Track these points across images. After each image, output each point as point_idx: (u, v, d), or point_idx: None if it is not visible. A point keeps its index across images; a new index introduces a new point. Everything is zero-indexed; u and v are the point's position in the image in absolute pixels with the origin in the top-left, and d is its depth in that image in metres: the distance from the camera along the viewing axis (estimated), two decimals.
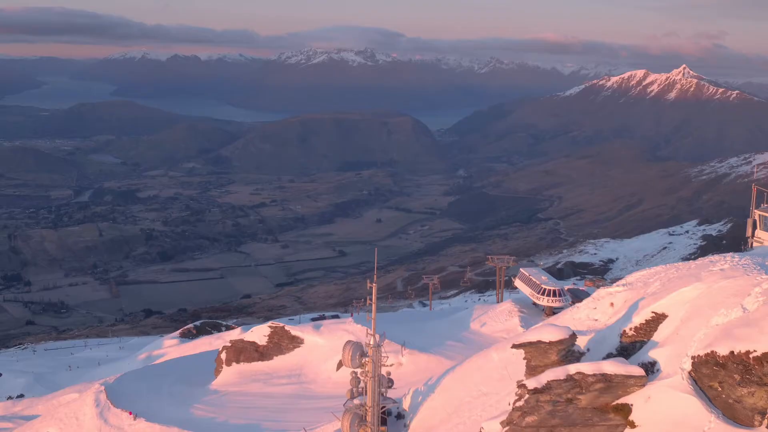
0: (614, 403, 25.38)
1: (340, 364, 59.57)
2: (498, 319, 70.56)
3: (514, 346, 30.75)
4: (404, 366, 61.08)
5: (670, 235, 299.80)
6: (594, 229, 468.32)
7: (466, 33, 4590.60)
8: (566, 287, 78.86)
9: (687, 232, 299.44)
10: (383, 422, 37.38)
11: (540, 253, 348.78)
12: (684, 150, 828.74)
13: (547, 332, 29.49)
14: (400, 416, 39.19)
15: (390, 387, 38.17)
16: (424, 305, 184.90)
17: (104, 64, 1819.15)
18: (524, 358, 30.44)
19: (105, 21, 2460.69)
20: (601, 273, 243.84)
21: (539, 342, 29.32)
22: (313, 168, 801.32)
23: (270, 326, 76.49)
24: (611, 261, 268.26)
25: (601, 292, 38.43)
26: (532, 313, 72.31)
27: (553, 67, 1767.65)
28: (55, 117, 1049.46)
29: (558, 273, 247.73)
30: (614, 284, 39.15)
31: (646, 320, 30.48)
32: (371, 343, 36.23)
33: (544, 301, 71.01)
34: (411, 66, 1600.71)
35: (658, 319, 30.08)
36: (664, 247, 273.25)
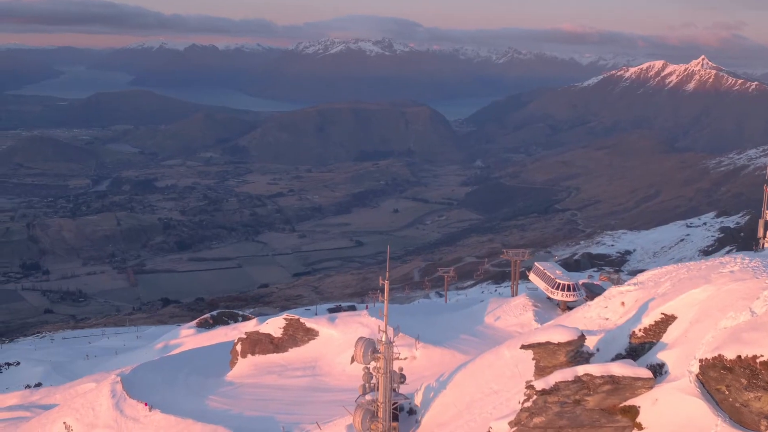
0: (622, 405, 25.44)
1: (353, 359, 59.72)
2: (512, 313, 70.56)
3: (523, 347, 30.83)
4: (418, 360, 61.17)
5: (688, 227, 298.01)
6: (611, 221, 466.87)
7: (484, 23, 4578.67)
8: (581, 281, 78.72)
9: (705, 224, 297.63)
10: (395, 418, 37.53)
11: (557, 244, 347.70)
12: (702, 141, 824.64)
13: (556, 333, 29.54)
14: (412, 412, 39.33)
15: (402, 382, 38.35)
16: (441, 295, 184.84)
17: (122, 53, 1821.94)
18: (533, 359, 30.53)
19: (122, 10, 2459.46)
20: (618, 265, 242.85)
21: (548, 343, 29.39)
22: (330, 158, 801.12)
23: (285, 318, 76.72)
24: (628, 253, 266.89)
25: (613, 291, 38.43)
26: (547, 307, 72.22)
27: (571, 58, 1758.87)
28: (73, 106, 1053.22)
29: (575, 264, 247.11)
30: (626, 283, 39.11)
31: (655, 321, 30.51)
32: (383, 339, 36.34)
33: (559, 296, 70.88)
34: (428, 56, 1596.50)
35: (668, 320, 30.10)
36: (682, 239, 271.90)
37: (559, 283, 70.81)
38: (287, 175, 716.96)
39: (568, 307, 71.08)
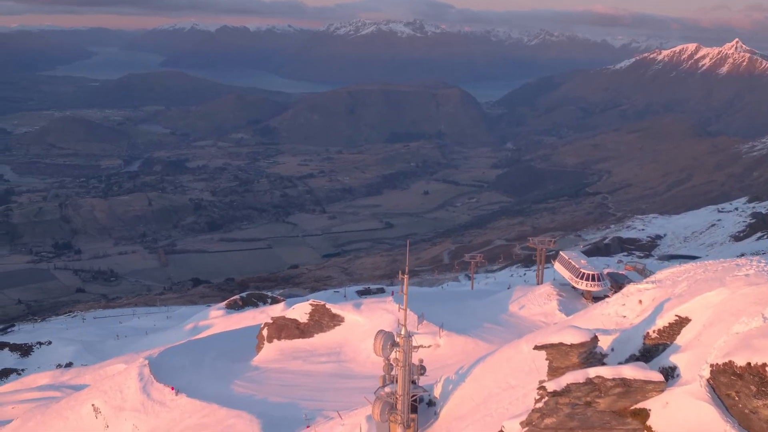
0: (632, 408, 25.40)
1: None
2: (536, 302, 70.56)
3: (536, 348, 30.81)
4: (441, 348, 61.45)
5: (719, 212, 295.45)
6: (642, 205, 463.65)
7: (516, 5, 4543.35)
8: (605, 271, 78.44)
9: (736, 209, 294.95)
10: (414, 410, 37.66)
11: (587, 228, 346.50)
12: (735, 125, 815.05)
13: (568, 334, 29.51)
14: (431, 403, 39.42)
15: (422, 374, 38.46)
16: (470, 278, 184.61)
17: (153, 34, 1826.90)
18: (546, 359, 30.57)
19: None
20: (649, 249, 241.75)
21: (561, 344, 29.36)
22: (360, 139, 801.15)
23: (311, 304, 77.05)
24: (659, 237, 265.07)
25: (631, 288, 38.33)
26: (571, 296, 72.14)
27: (604, 40, 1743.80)
28: (105, 87, 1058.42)
29: (605, 248, 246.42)
30: (644, 281, 39.01)
31: (669, 323, 30.43)
32: (402, 332, 36.48)
33: (583, 285, 70.73)
34: (460, 37, 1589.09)
35: (682, 322, 30.01)
36: (713, 224, 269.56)
37: (584, 273, 70.63)
38: (318, 156, 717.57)
39: (593, 296, 71.06)
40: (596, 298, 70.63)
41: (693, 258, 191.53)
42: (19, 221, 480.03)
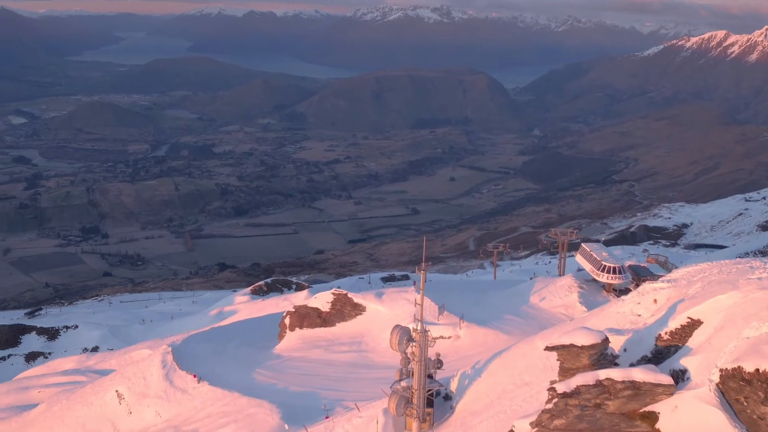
0: (642, 411, 25.41)
1: None
2: (557, 294, 70.27)
3: (547, 348, 30.86)
4: (462, 339, 61.46)
5: (747, 201, 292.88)
6: (669, 193, 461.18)
7: None
8: (627, 263, 77.94)
9: (764, 198, 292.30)
10: (430, 404, 37.82)
11: (614, 216, 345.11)
12: (764, 113, 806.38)
13: (579, 336, 29.47)
14: (447, 397, 39.57)
15: (439, 368, 38.59)
16: (497, 265, 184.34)
17: (181, 20, 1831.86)
18: (557, 360, 30.57)
19: None
20: (675, 238, 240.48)
21: (572, 345, 29.34)
22: (387, 125, 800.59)
23: (333, 293, 77.17)
24: (685, 226, 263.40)
25: (646, 287, 38.16)
26: (592, 289, 71.85)
27: (632, 26, 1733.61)
28: (132, 72, 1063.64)
29: (631, 237, 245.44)
30: (659, 279, 38.85)
31: (681, 325, 30.35)
32: (418, 328, 36.58)
33: (604, 278, 70.32)
34: (487, 23, 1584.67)
35: (694, 325, 29.91)
36: (740, 214, 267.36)
37: (605, 266, 70.24)
38: (344, 141, 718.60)
39: (614, 289, 70.82)
40: (617, 291, 70.51)
41: (719, 247, 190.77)
42: (47, 205, 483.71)
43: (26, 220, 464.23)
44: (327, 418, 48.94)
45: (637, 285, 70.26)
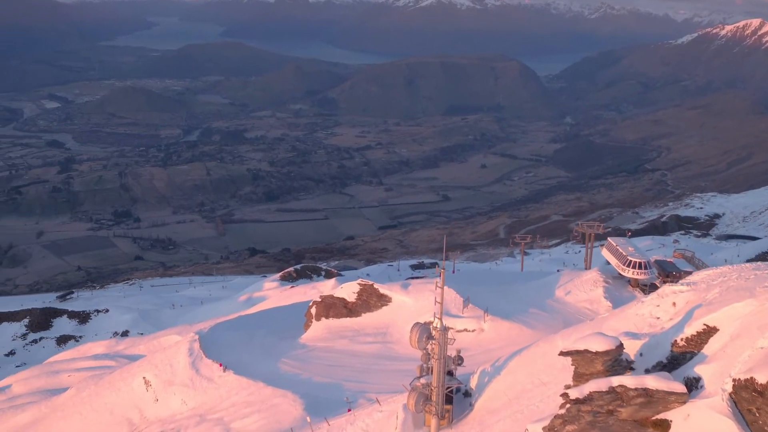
0: (654, 418, 25.38)
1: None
2: (583, 288, 69.94)
3: (562, 354, 30.84)
4: (485, 332, 61.43)
5: None
6: (701, 182, 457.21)
7: None
8: (653, 258, 77.48)
9: None
10: (449, 401, 37.88)
11: (645, 205, 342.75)
12: None
13: (594, 341, 29.41)
14: (467, 394, 39.62)
15: (460, 364, 38.60)
16: (526, 254, 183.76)
17: (213, 5, 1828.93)
18: (572, 365, 30.51)
19: None
20: (707, 228, 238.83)
21: (586, 351, 29.32)
22: (418, 111, 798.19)
23: (359, 283, 77.24)
24: (717, 216, 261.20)
25: (666, 289, 38.06)
26: (618, 284, 71.51)
27: (666, 14, 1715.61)
28: (165, 58, 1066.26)
29: (662, 226, 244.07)
30: (679, 282, 38.62)
31: (697, 332, 30.25)
32: (438, 325, 36.58)
33: (630, 273, 69.91)
34: (520, 10, 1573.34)
35: (709, 332, 29.81)
36: None
37: (631, 261, 69.81)
38: (375, 128, 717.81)
39: (639, 284, 70.43)
40: (642, 286, 70.12)
41: (752, 239, 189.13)
42: (80, 189, 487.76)
43: (59, 204, 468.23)
44: (349, 410, 49.17)
45: (664, 281, 69.93)
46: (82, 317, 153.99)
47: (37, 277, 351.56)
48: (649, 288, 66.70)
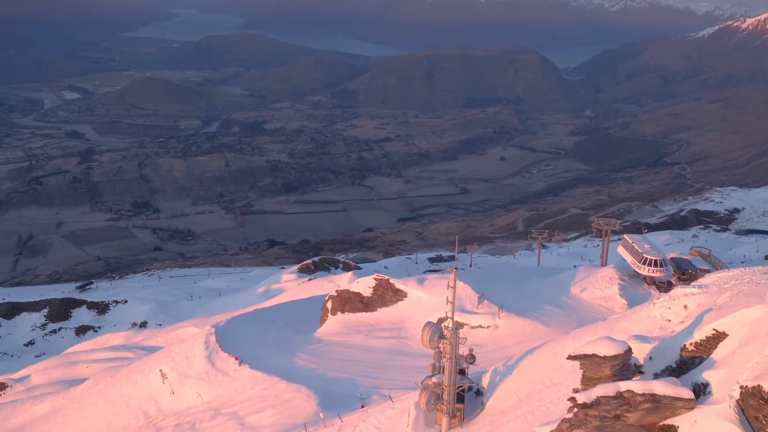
0: (661, 424, 25.35)
1: (440, 321, 59.92)
2: (598, 286, 69.81)
3: (570, 358, 30.82)
4: (500, 329, 61.45)
5: None
6: (721, 177, 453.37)
7: None
8: (669, 256, 77.14)
9: None
10: (461, 399, 37.87)
11: (664, 199, 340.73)
12: None
13: (602, 346, 29.35)
14: (479, 393, 39.59)
15: (472, 363, 38.58)
16: (545, 247, 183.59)
17: None
18: (580, 368, 30.43)
19: None
20: (726, 223, 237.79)
21: (594, 355, 29.27)
22: (438, 104, 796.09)
23: (375, 278, 77.40)
24: (737, 211, 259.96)
25: (678, 291, 37.90)
26: (633, 282, 71.28)
27: (686, 7, 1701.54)
28: (185, 49, 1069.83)
29: (682, 221, 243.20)
30: (691, 284, 38.44)
31: (707, 337, 30.15)
32: (449, 325, 36.56)
33: (645, 271, 69.65)
34: (540, 2, 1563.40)
35: (719, 337, 29.71)
36: None
37: (647, 258, 69.56)
38: (395, 120, 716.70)
39: (654, 282, 70.14)
40: (657, 284, 69.86)
41: None
42: (100, 180, 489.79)
43: (79, 194, 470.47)
44: (362, 407, 49.24)
45: (680, 278, 69.69)
46: (101, 308, 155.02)
47: (56, 267, 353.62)
48: (669, 286, 66.49)
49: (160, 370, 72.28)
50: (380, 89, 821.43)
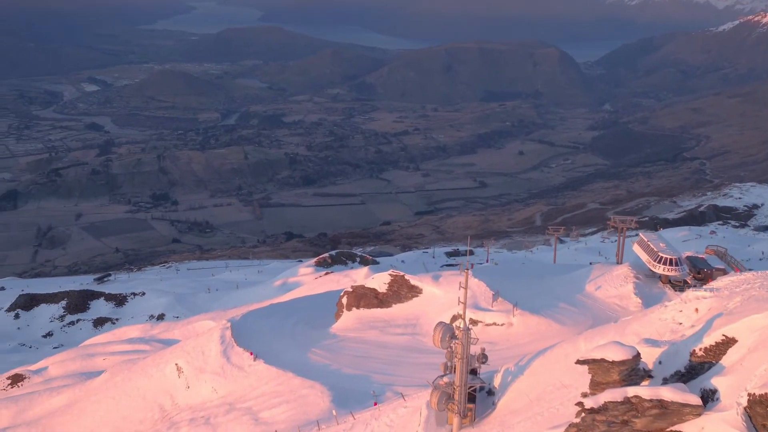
0: (668, 430, 25.26)
1: (454, 318, 60.00)
2: (613, 284, 69.47)
3: (578, 362, 30.75)
4: (514, 327, 61.33)
5: None
6: (740, 172, 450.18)
7: None
8: (685, 254, 76.73)
9: None
10: (472, 399, 37.83)
11: (683, 194, 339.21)
12: None
13: (611, 351, 29.26)
14: (490, 393, 39.54)
15: (484, 362, 38.53)
16: (562, 242, 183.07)
17: None
18: (588, 373, 30.38)
19: None
20: (745, 219, 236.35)
21: (602, 360, 29.18)
22: (456, 97, 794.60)
23: (390, 274, 77.41)
24: (756, 207, 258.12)
25: (690, 294, 37.67)
26: (649, 280, 70.97)
27: (707, 1, 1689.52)
28: (203, 41, 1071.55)
29: (700, 216, 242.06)
30: (703, 288, 38.25)
31: (716, 342, 29.96)
32: (461, 325, 36.52)
33: (661, 269, 69.25)
34: None
35: (728, 343, 29.51)
36: None
37: (662, 257, 69.18)
38: (413, 113, 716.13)
39: (670, 281, 69.80)
40: (673, 282, 69.54)
41: None
42: (119, 172, 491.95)
43: (98, 186, 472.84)
44: (375, 404, 49.29)
45: (695, 277, 69.39)
46: (119, 300, 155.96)
47: (75, 259, 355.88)
48: (685, 284, 66.28)
49: (176, 364, 72.64)
50: (399, 82, 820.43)
